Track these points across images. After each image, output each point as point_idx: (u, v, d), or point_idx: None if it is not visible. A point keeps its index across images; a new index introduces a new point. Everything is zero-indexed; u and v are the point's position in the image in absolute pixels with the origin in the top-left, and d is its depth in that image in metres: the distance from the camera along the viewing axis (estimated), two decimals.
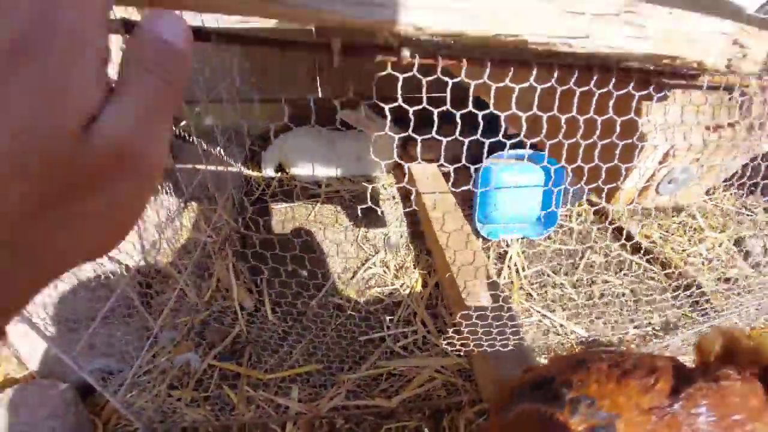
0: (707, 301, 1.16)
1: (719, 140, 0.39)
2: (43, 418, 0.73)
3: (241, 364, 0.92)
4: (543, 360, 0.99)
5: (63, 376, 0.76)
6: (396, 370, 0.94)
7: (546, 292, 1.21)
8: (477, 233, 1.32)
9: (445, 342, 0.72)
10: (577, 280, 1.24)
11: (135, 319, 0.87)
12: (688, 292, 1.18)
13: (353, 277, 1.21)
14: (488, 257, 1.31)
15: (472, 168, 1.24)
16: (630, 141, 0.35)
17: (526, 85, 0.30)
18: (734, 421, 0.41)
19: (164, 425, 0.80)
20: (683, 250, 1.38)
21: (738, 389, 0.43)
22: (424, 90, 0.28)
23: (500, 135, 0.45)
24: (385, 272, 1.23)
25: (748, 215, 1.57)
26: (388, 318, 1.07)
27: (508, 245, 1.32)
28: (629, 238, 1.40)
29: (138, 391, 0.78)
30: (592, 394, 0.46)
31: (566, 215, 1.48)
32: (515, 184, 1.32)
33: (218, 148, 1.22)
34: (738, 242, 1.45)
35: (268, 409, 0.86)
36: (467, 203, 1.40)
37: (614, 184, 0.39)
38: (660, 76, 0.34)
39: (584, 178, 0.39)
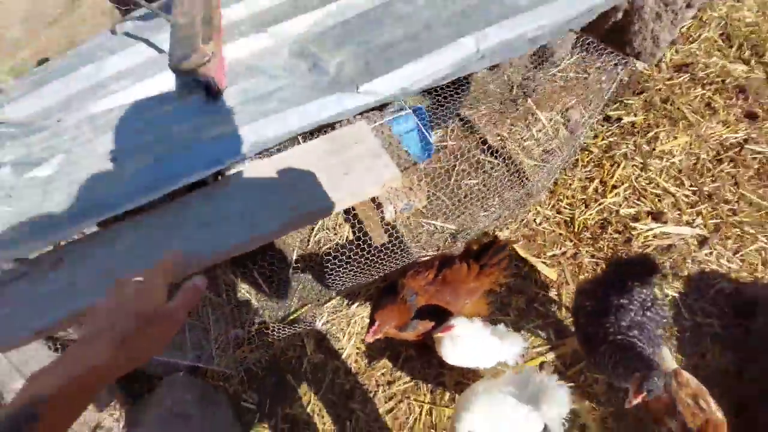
0: (526, 176, 1.80)
1: (416, 192, 0.96)
2: (183, 394, 1.38)
3: (265, 322, 1.58)
4: (432, 253, 1.67)
5: (177, 369, 1.40)
6: (349, 291, 1.61)
7: (432, 205, 1.83)
8: None
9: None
10: (449, 189, 1.85)
11: (196, 326, 1.47)
12: (517, 175, 1.80)
13: (308, 244, 1.79)
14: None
15: None
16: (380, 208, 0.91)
17: None
18: (455, 285, 1.06)
19: (242, 366, 1.49)
20: (522, 138, 1.96)
21: (459, 267, 1.07)
22: None
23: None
24: (327, 233, 1.81)
25: (584, 80, 2.08)
26: (335, 261, 1.70)
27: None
28: (485, 142, 1.97)
29: (220, 358, 1.44)
30: (408, 285, 1.10)
31: (441, 138, 2.00)
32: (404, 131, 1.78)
33: None
34: (564, 114, 2.04)
35: (289, 337, 1.55)
36: None
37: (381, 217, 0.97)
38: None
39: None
